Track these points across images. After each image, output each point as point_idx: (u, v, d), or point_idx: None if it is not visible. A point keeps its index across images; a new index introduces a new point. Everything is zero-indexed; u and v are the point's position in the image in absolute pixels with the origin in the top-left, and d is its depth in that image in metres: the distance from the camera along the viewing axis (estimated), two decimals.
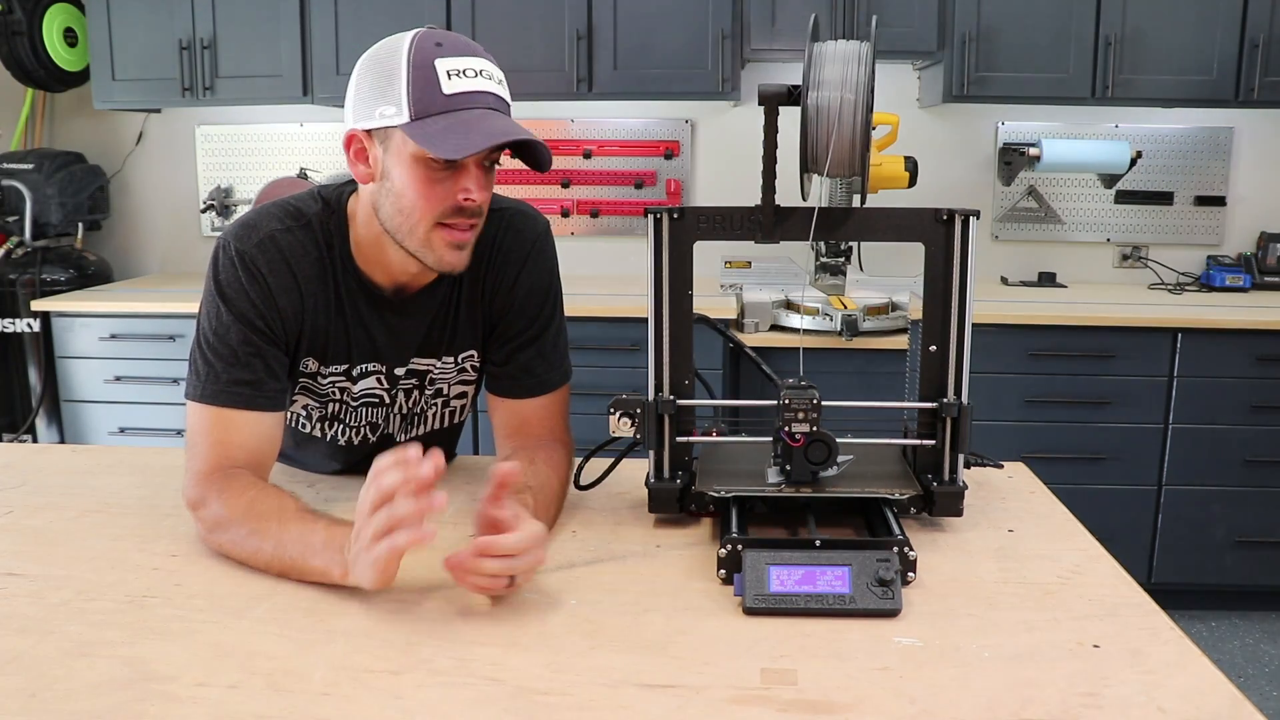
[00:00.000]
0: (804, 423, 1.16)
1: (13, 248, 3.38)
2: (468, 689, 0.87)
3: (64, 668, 0.90)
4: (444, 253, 1.19)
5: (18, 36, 3.38)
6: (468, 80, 1.12)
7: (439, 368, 1.36)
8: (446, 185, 1.15)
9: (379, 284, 1.27)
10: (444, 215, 1.17)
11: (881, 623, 0.99)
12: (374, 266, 1.26)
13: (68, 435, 3.29)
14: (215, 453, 1.19)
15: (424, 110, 1.11)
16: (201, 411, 1.20)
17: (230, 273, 1.21)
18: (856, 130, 1.12)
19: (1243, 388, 2.93)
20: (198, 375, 1.21)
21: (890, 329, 2.93)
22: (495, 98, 1.15)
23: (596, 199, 3.61)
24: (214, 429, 1.20)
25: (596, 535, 1.22)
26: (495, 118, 1.13)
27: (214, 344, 1.21)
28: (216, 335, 1.21)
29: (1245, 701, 0.85)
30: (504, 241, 1.32)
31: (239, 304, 1.20)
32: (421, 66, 1.11)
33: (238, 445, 1.20)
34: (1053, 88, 3.09)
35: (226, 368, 1.20)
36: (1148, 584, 2.52)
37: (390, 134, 1.14)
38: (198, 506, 1.17)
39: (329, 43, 3.22)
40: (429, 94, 1.11)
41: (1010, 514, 1.29)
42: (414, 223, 1.17)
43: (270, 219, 1.23)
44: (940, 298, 1.20)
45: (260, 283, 1.20)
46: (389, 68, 1.13)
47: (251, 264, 1.20)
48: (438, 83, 1.11)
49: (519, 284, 1.33)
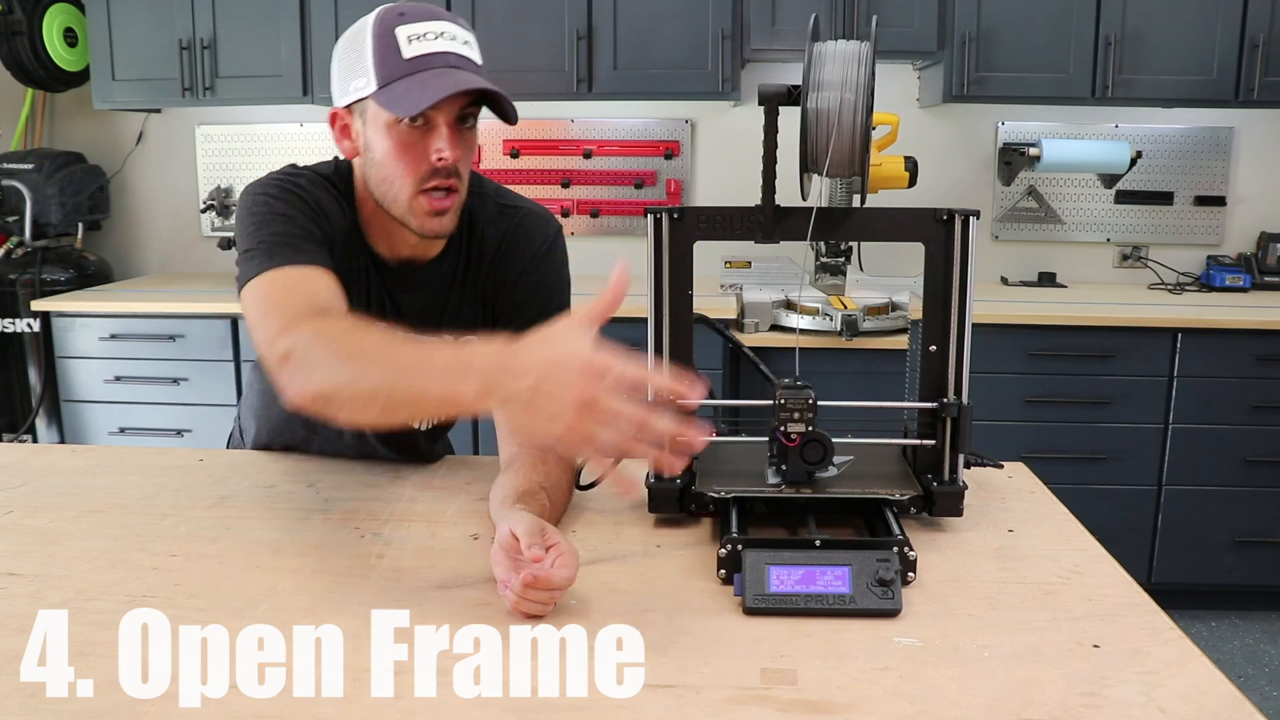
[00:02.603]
0: (799, 423, 1.16)
1: (13, 248, 3.38)
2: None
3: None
4: (425, 220, 1.22)
5: (18, 36, 3.38)
6: (428, 43, 1.16)
7: None
8: (419, 147, 1.18)
9: (383, 255, 1.30)
10: (422, 179, 1.19)
11: (881, 623, 0.99)
12: (378, 239, 1.30)
13: (68, 435, 3.29)
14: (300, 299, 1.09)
15: (388, 76, 1.15)
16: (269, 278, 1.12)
17: (280, 188, 1.21)
18: (856, 130, 1.12)
19: (1243, 388, 2.93)
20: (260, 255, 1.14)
21: (890, 329, 2.93)
22: (457, 56, 1.18)
23: (596, 199, 3.61)
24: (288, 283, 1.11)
25: (596, 535, 1.22)
26: (454, 74, 1.16)
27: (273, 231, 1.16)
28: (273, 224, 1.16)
29: (1245, 701, 0.85)
30: (514, 238, 1.34)
31: (297, 206, 1.20)
32: (384, 36, 1.16)
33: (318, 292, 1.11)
34: (1053, 88, 3.09)
35: (292, 243, 1.15)
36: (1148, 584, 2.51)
37: (366, 106, 1.19)
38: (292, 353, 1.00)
39: (329, 43, 3.17)
40: (391, 61, 1.15)
41: (1010, 514, 1.29)
42: (396, 190, 1.21)
43: (297, 169, 1.26)
44: (940, 298, 1.20)
45: (313, 199, 1.22)
46: (358, 43, 1.18)
47: (295, 186, 1.22)
48: (398, 49, 1.15)
49: (524, 281, 1.34)
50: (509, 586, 0.99)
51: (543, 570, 0.97)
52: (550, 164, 3.58)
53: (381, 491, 1.35)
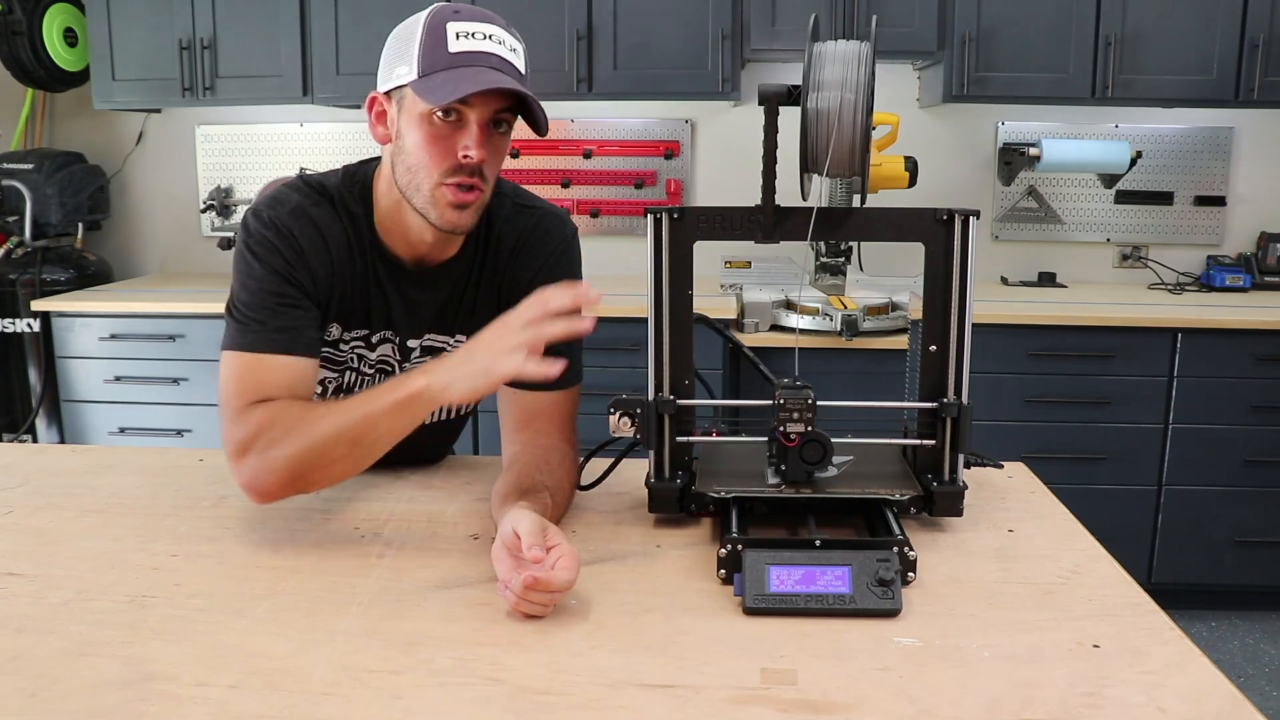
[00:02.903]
0: (799, 423, 1.16)
1: (13, 248, 3.38)
2: (468, 689, 0.87)
3: (64, 668, 0.90)
4: (445, 211, 1.22)
5: (18, 36, 3.38)
6: (475, 41, 1.17)
7: (452, 345, 1.37)
8: (449, 142, 1.19)
9: (399, 255, 1.30)
10: (447, 173, 1.20)
11: (881, 623, 0.99)
12: (395, 238, 1.29)
13: (68, 435, 3.29)
14: (250, 391, 1.18)
15: (430, 67, 1.16)
16: (235, 359, 1.21)
17: (262, 236, 1.23)
18: (856, 130, 1.12)
19: (1243, 388, 2.93)
20: (233, 328, 1.22)
21: (890, 329, 2.93)
22: (500, 59, 1.19)
23: (596, 199, 3.61)
24: (249, 373, 1.20)
25: (596, 535, 1.22)
26: (490, 73, 1.17)
27: (249, 300, 1.22)
28: (249, 292, 1.22)
29: (1245, 701, 0.85)
30: (531, 238, 1.35)
31: (273, 261, 1.22)
32: (434, 29, 1.17)
33: (274, 384, 1.19)
34: (1053, 88, 3.09)
35: (263, 318, 1.21)
36: (1148, 584, 2.52)
37: (404, 94, 1.19)
38: (254, 439, 1.15)
39: (329, 43, 3.22)
40: (436, 52, 1.16)
41: (1010, 514, 1.29)
42: (420, 179, 1.21)
43: (295, 193, 1.26)
44: (940, 298, 1.20)
45: (293, 243, 1.23)
46: (408, 33, 1.19)
47: (284, 227, 1.23)
48: (445, 42, 1.16)
49: (539, 281, 1.34)
50: (509, 587, 0.99)
51: (543, 572, 0.97)
52: (550, 164, 3.58)
53: (381, 491, 1.35)
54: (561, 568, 0.99)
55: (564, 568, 0.99)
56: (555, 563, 0.99)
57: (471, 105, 1.17)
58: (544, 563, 0.99)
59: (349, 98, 3.30)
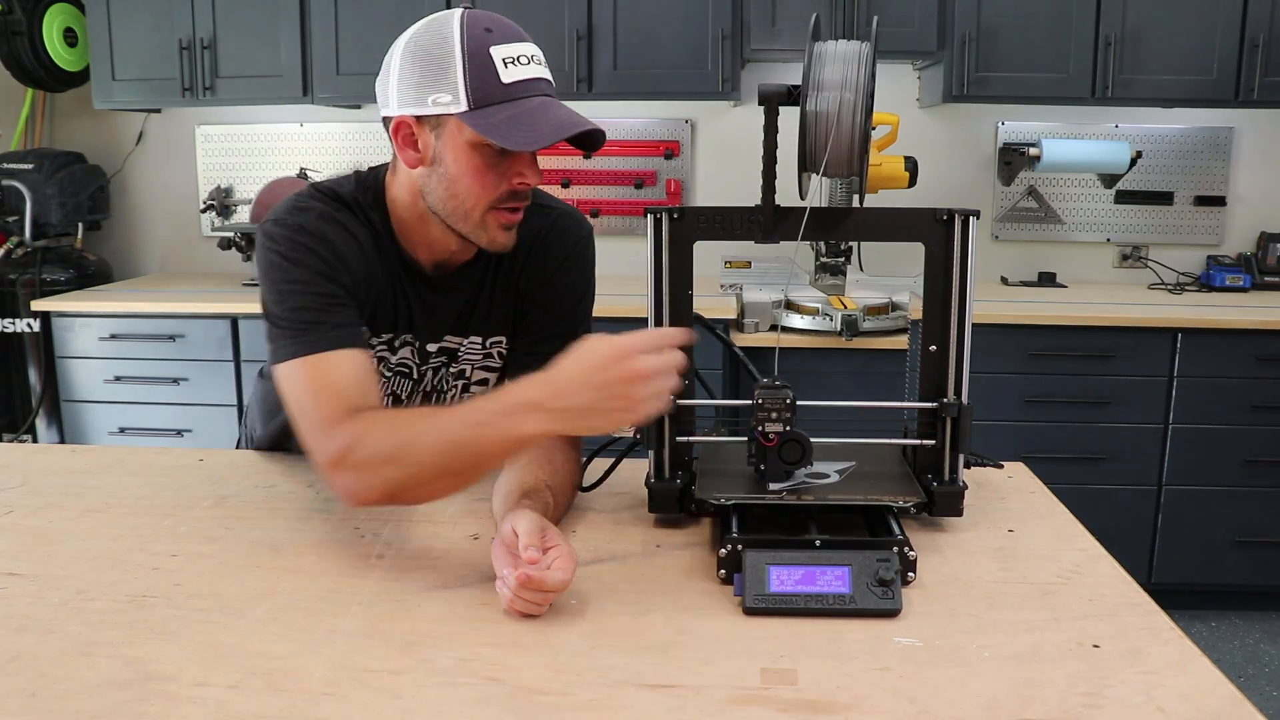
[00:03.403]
0: (777, 422, 1.16)
1: (13, 248, 3.38)
2: (468, 689, 0.87)
3: (64, 667, 0.90)
4: (496, 234, 1.23)
5: (18, 36, 3.38)
6: (523, 68, 1.16)
7: (465, 346, 1.38)
8: (501, 170, 1.19)
9: (419, 260, 1.30)
10: (499, 200, 1.20)
11: (881, 623, 0.99)
12: (415, 245, 1.29)
13: (68, 435, 3.29)
14: (331, 396, 1.12)
15: (483, 99, 1.14)
16: (298, 367, 1.15)
17: (296, 242, 1.19)
18: (856, 130, 1.12)
19: (1243, 388, 2.93)
20: (286, 338, 1.16)
21: (890, 329, 2.93)
22: (547, 83, 1.20)
23: (596, 199, 3.61)
24: (319, 376, 1.14)
25: (596, 535, 1.22)
26: (554, 106, 1.18)
27: (298, 305, 1.17)
28: (296, 296, 1.17)
29: (1245, 701, 0.85)
30: (548, 238, 1.36)
31: (313, 264, 1.18)
32: (476, 54, 1.14)
33: (350, 381, 1.14)
34: (1053, 88, 3.09)
35: (318, 319, 1.16)
36: (1148, 584, 2.52)
37: (444, 121, 1.17)
38: (348, 452, 1.07)
39: (329, 43, 3.22)
40: (487, 83, 1.14)
41: (1010, 514, 1.29)
42: (469, 207, 1.21)
43: (316, 200, 1.24)
44: (940, 298, 1.20)
45: (330, 245, 1.21)
46: (439, 54, 1.15)
47: (317, 231, 1.21)
48: (495, 71, 1.14)
49: (555, 281, 1.36)
50: (505, 583, 0.99)
51: (537, 571, 0.97)
52: (550, 164, 3.58)
53: None
54: (557, 568, 0.98)
55: (560, 568, 0.99)
56: (551, 563, 0.99)
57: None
58: (540, 563, 0.99)
59: (349, 98, 3.31)
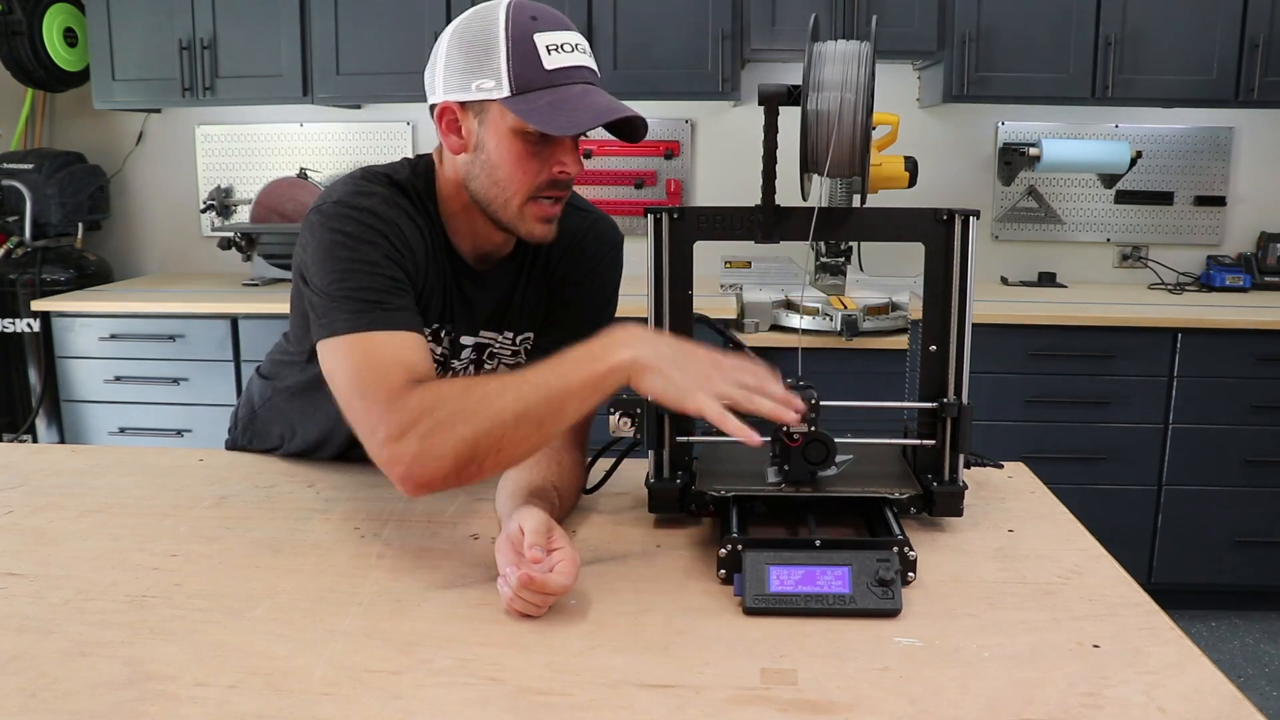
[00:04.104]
0: (803, 423, 1.16)
1: (13, 248, 3.38)
2: (468, 689, 0.87)
3: (64, 668, 0.90)
4: (534, 225, 1.22)
5: (18, 36, 3.38)
6: (566, 55, 1.16)
7: (499, 342, 1.38)
8: (542, 158, 1.19)
9: (463, 252, 1.30)
10: (539, 189, 1.20)
11: (881, 623, 0.99)
12: (461, 236, 1.29)
13: (68, 435, 3.29)
14: (396, 370, 1.08)
15: (526, 85, 1.14)
16: (363, 341, 1.11)
17: (360, 224, 1.17)
18: (856, 130, 1.12)
19: (1243, 388, 2.93)
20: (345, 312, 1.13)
21: (890, 329, 2.93)
22: (590, 71, 1.20)
23: (597, 199, 3.60)
24: (384, 350, 1.10)
25: (596, 535, 1.22)
26: (596, 94, 1.18)
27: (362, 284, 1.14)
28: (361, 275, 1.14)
29: (1245, 701, 0.85)
30: (585, 239, 1.37)
31: (381, 245, 1.16)
32: (521, 41, 1.15)
33: (415, 360, 1.11)
34: (1053, 88, 3.09)
35: (382, 299, 1.14)
36: (1148, 584, 2.51)
37: (487, 107, 1.17)
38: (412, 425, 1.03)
39: (329, 43, 3.22)
40: (530, 69, 1.14)
41: (1010, 514, 1.29)
42: (509, 195, 1.20)
43: (371, 182, 1.22)
44: (940, 298, 1.20)
45: (395, 231, 1.19)
46: (485, 41, 1.16)
47: (384, 215, 1.19)
48: (538, 58, 1.15)
49: (588, 282, 1.37)
50: (507, 582, 0.99)
51: (539, 573, 0.97)
52: None
53: (381, 491, 1.35)
54: (560, 571, 0.98)
55: (562, 572, 0.98)
56: (555, 565, 0.99)
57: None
58: (543, 563, 0.99)
59: (349, 98, 3.31)
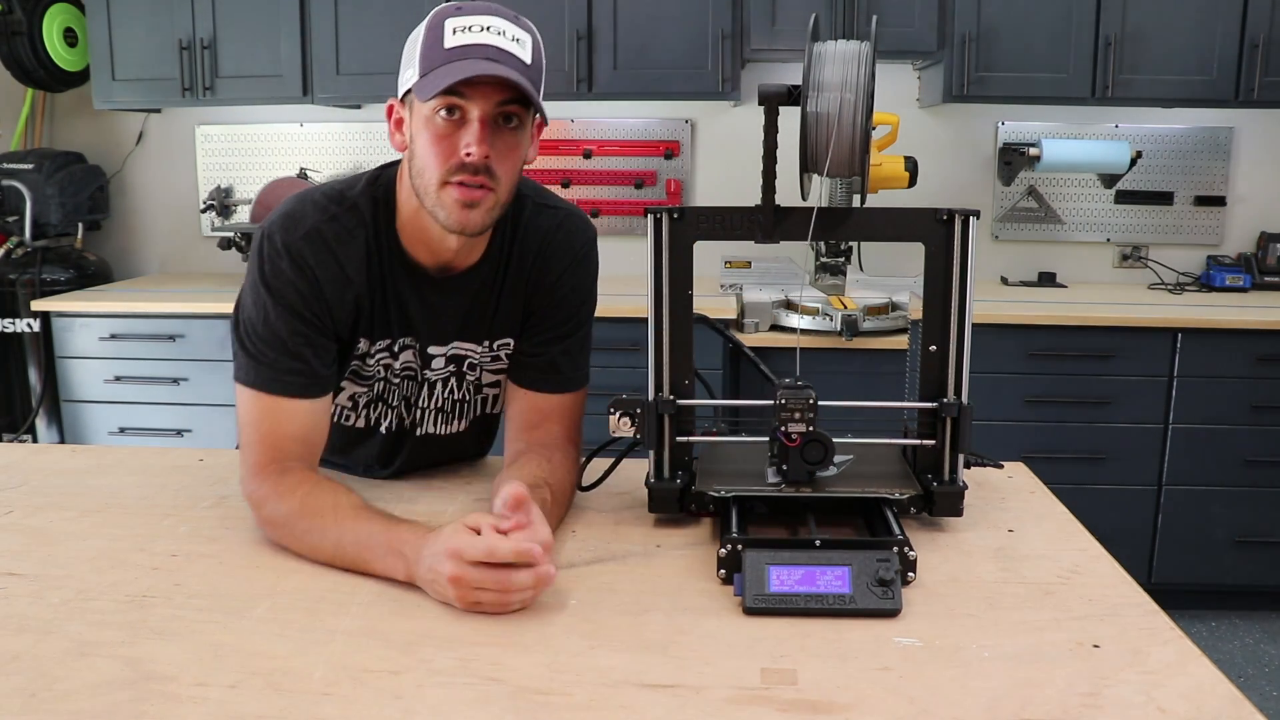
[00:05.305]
0: (800, 423, 1.16)
1: (13, 248, 3.38)
2: (468, 689, 0.87)
3: (64, 668, 0.90)
4: (453, 210, 1.18)
5: (18, 36, 3.38)
6: (471, 34, 1.15)
7: (478, 353, 1.36)
8: (452, 140, 1.17)
9: (421, 262, 1.28)
10: (450, 172, 1.17)
11: (881, 623, 0.99)
12: (417, 244, 1.27)
13: (68, 435, 3.29)
14: (268, 444, 1.22)
15: (429, 66, 1.15)
16: (252, 398, 1.23)
17: (276, 265, 1.22)
18: (856, 131, 1.12)
19: (1243, 388, 2.93)
20: (248, 361, 1.23)
21: (890, 329, 2.93)
22: (498, 50, 1.14)
23: (596, 199, 3.61)
24: (265, 418, 1.22)
25: (596, 535, 1.22)
26: (484, 65, 1.13)
27: (262, 334, 1.22)
28: (265, 325, 1.22)
29: (1245, 701, 0.85)
30: (554, 238, 1.34)
31: (287, 295, 1.22)
32: (434, 28, 1.16)
33: (289, 436, 1.23)
34: (1053, 88, 3.09)
35: (276, 356, 1.22)
36: (1148, 584, 2.51)
37: (412, 98, 1.18)
38: (259, 505, 1.21)
39: (329, 43, 3.22)
40: (434, 50, 1.15)
41: (1010, 514, 1.29)
42: (427, 180, 1.19)
43: (314, 209, 1.24)
44: (940, 298, 1.20)
45: (307, 274, 1.22)
46: (414, 36, 1.19)
47: (298, 256, 1.21)
48: (442, 39, 1.15)
49: (562, 282, 1.34)
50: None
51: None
52: (550, 164, 3.58)
53: (381, 492, 1.35)
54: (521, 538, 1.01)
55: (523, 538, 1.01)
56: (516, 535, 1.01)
57: (470, 100, 1.13)
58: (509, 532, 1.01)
59: (349, 98, 3.31)
